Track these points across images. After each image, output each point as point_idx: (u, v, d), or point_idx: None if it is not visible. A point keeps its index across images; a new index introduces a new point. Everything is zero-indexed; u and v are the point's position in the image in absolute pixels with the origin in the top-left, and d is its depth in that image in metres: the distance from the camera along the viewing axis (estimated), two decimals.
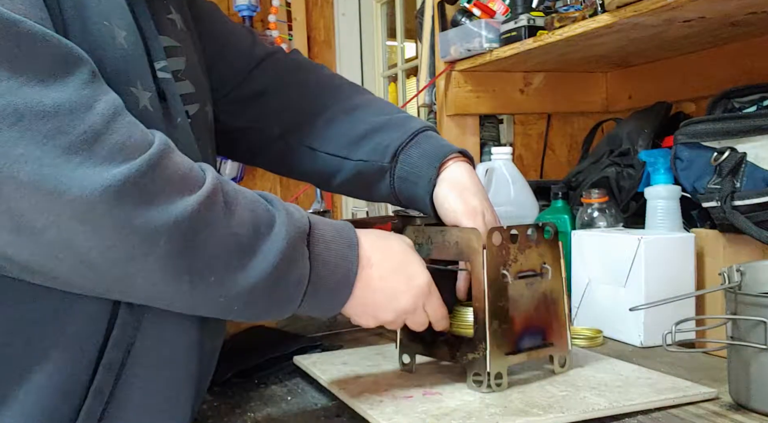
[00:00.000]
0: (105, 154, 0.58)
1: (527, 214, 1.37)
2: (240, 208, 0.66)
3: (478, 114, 1.70)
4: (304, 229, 0.70)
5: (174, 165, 0.62)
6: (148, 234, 0.59)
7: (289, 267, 0.67)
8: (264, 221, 0.67)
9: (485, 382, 0.81)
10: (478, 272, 0.82)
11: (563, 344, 0.89)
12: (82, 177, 0.56)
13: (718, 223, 1.05)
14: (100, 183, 0.57)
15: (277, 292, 0.68)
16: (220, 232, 0.63)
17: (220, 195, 0.65)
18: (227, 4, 3.58)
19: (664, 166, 1.17)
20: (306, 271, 0.69)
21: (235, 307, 0.67)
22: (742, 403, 0.78)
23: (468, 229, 0.85)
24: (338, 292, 0.73)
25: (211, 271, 0.63)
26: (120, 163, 0.58)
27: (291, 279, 0.68)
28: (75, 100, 0.58)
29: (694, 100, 1.49)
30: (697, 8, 1.05)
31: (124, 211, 0.58)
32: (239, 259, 0.64)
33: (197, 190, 0.62)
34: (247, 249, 0.65)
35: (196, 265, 0.62)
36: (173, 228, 0.60)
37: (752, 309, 0.74)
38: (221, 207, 0.64)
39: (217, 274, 0.64)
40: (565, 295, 0.90)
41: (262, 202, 0.69)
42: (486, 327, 0.81)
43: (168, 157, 0.62)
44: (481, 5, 1.50)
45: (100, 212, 0.57)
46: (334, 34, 2.99)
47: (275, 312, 0.71)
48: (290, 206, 0.71)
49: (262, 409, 0.85)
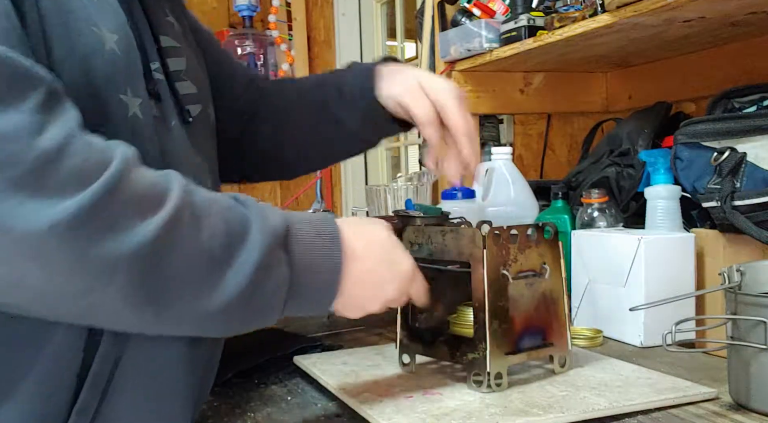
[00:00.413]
0: (55, 184, 0.54)
1: (527, 214, 1.37)
2: (212, 219, 0.62)
3: (478, 114, 1.70)
4: (281, 232, 0.66)
5: (133, 186, 0.58)
6: (106, 266, 0.55)
7: (266, 275, 0.63)
8: (238, 230, 0.63)
9: (485, 382, 0.81)
10: (478, 272, 0.82)
11: (563, 344, 0.89)
12: (29, 212, 0.53)
13: (718, 223, 1.05)
14: (50, 217, 0.53)
15: (255, 304, 0.64)
16: (187, 252, 0.59)
17: (186, 210, 0.60)
18: (227, 4, 3.59)
19: (664, 166, 1.17)
20: (285, 277, 0.65)
21: (209, 326, 0.64)
22: (742, 403, 0.78)
23: (468, 229, 0.85)
24: (325, 292, 0.70)
25: (180, 294, 0.60)
26: (72, 193, 0.54)
27: (268, 288, 0.64)
28: (25, 126, 0.54)
29: (694, 100, 1.49)
30: (697, 8, 1.05)
31: (78, 245, 0.54)
32: (210, 278, 0.61)
33: (160, 210, 0.58)
34: (220, 264, 0.61)
35: (162, 291, 0.59)
36: (133, 256, 0.56)
37: (752, 309, 0.74)
38: (188, 224, 0.60)
39: (186, 297, 0.60)
40: (565, 295, 0.90)
41: (236, 208, 0.65)
42: (486, 327, 0.81)
43: (127, 179, 0.57)
44: (481, 5, 1.50)
45: (50, 249, 0.53)
46: (334, 34, 2.99)
47: (256, 323, 0.67)
48: (266, 208, 0.67)
49: (262, 409, 0.85)
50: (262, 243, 0.63)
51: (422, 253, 0.89)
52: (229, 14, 3.61)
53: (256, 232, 0.64)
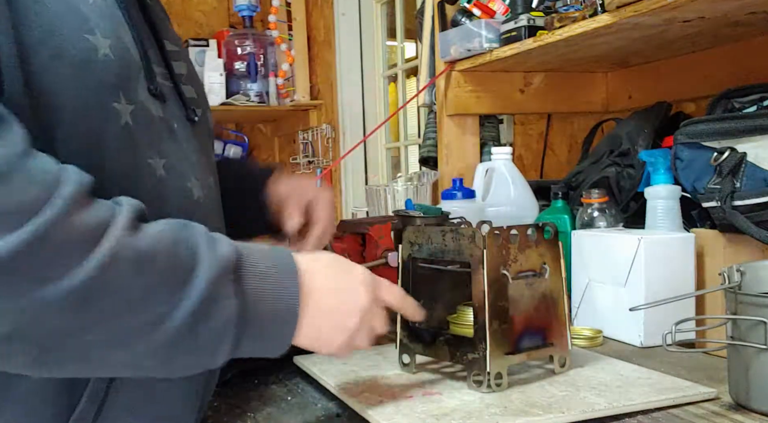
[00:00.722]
0: None
1: (527, 214, 1.37)
2: (156, 257, 0.59)
3: (478, 114, 1.70)
4: (230, 263, 0.62)
5: (70, 226, 0.54)
6: (38, 310, 0.53)
7: (210, 309, 0.60)
8: (183, 266, 0.60)
9: (485, 382, 0.81)
10: (478, 272, 0.82)
11: (563, 344, 0.89)
12: None
13: (718, 223, 1.05)
14: None
15: (202, 339, 0.60)
16: (125, 294, 0.57)
17: (126, 250, 0.57)
18: (227, 4, 3.59)
19: (664, 166, 1.17)
20: (232, 311, 0.61)
21: (152, 366, 0.61)
22: (742, 403, 0.78)
23: (469, 229, 0.85)
24: (282, 325, 0.65)
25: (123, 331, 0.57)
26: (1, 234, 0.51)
27: (213, 323, 0.60)
28: None
29: (694, 100, 1.49)
30: (697, 8, 1.05)
31: (5, 290, 0.51)
32: (152, 316, 0.58)
33: (97, 252, 0.55)
34: (163, 302, 0.58)
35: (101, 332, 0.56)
36: (66, 301, 0.53)
37: (752, 309, 0.74)
38: (126, 265, 0.57)
39: (131, 333, 0.58)
40: (565, 295, 0.90)
41: (184, 241, 0.61)
42: (486, 327, 0.81)
43: (65, 217, 0.54)
44: (481, 5, 1.50)
45: None
46: (334, 34, 2.99)
47: (204, 358, 0.63)
48: (218, 239, 0.64)
49: (262, 409, 0.85)
50: (208, 277, 0.60)
51: (422, 254, 0.89)
52: (229, 14, 3.61)
53: (204, 265, 0.61)
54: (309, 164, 3.16)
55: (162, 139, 0.72)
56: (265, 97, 3.23)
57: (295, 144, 3.36)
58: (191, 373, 0.64)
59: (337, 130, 3.02)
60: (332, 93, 3.03)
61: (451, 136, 1.66)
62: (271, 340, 0.65)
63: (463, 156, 1.68)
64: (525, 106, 1.71)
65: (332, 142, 3.04)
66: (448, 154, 1.67)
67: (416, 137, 2.76)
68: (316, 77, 3.18)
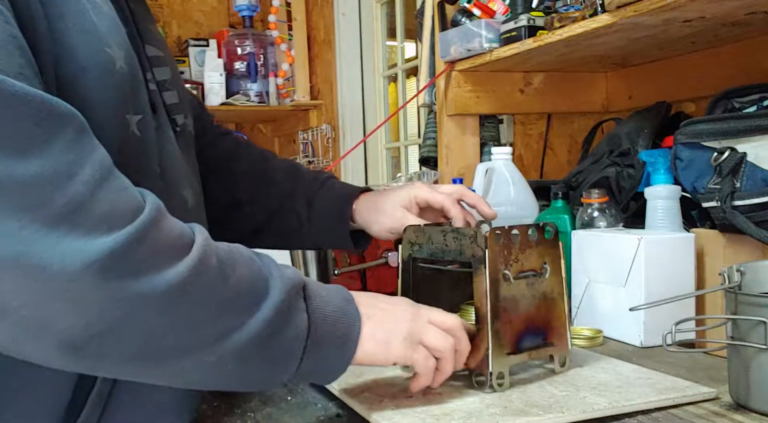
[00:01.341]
0: (88, 225, 0.54)
1: (527, 214, 1.37)
2: (236, 265, 0.63)
3: (478, 114, 1.70)
4: (298, 283, 0.67)
5: (163, 233, 0.59)
6: (134, 307, 0.56)
7: (286, 321, 0.64)
8: (260, 277, 0.65)
9: (488, 383, 0.81)
10: (480, 272, 0.82)
11: (564, 344, 0.89)
12: (64, 252, 0.53)
13: (718, 223, 1.05)
14: (84, 258, 0.53)
15: (272, 349, 0.64)
16: (214, 295, 0.61)
17: (213, 257, 0.62)
18: (227, 4, 3.59)
19: (664, 166, 1.17)
20: (304, 326, 0.66)
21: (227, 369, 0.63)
22: (742, 403, 0.78)
23: (470, 229, 0.85)
24: (343, 347, 0.70)
25: (201, 337, 0.60)
26: (104, 233, 0.54)
27: (288, 334, 0.64)
28: (57, 168, 0.54)
29: (694, 100, 1.49)
30: (697, 8, 1.05)
31: (109, 285, 0.54)
32: (231, 322, 0.61)
33: (187, 256, 0.59)
34: (242, 310, 0.62)
35: (185, 334, 0.59)
36: (161, 298, 0.57)
37: (752, 309, 0.74)
38: (215, 269, 0.61)
39: (208, 339, 0.61)
40: (565, 294, 0.90)
41: (255, 259, 0.67)
42: (488, 327, 0.81)
43: (157, 226, 0.58)
44: (481, 5, 1.50)
45: (83, 288, 0.54)
46: (334, 34, 2.99)
47: (270, 372, 0.66)
48: (281, 264, 0.69)
49: (262, 409, 0.85)
50: (282, 290, 0.65)
51: (423, 254, 0.89)
52: (229, 14, 3.62)
53: (277, 279, 0.65)
54: (309, 164, 3.16)
55: (160, 148, 0.73)
56: (265, 97, 3.23)
57: (295, 144, 3.36)
58: (254, 388, 0.68)
59: (337, 130, 3.02)
60: (332, 93, 3.03)
61: (451, 136, 1.66)
62: (327, 366, 0.70)
63: (463, 156, 1.68)
64: (525, 106, 1.71)
65: (332, 142, 3.05)
66: (448, 154, 1.67)
67: (416, 137, 2.76)
68: (316, 77, 3.18)
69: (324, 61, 3.10)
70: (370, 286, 1.37)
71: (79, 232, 0.53)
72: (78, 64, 0.62)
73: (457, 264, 0.89)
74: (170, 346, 0.59)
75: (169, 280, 0.57)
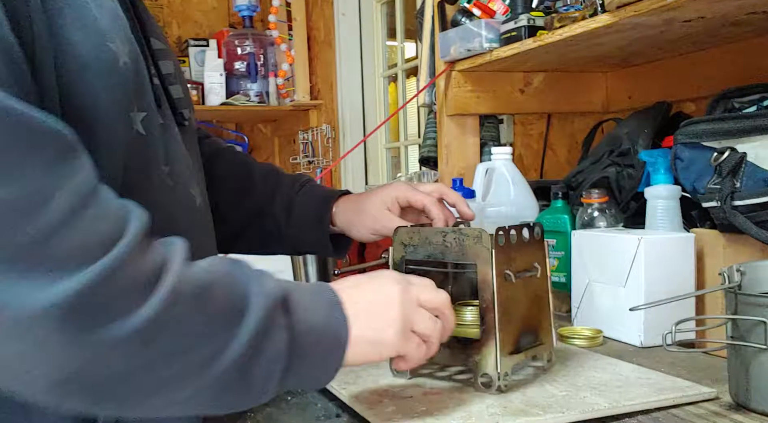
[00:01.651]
0: (54, 262, 0.50)
1: (527, 214, 1.37)
2: (215, 288, 0.59)
3: (478, 114, 1.70)
4: (279, 297, 0.63)
5: (136, 266, 0.54)
6: (101, 351, 0.52)
7: (263, 343, 0.60)
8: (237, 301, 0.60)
9: (495, 384, 0.81)
10: (486, 273, 0.81)
11: (550, 341, 0.90)
12: (24, 292, 0.49)
13: (718, 223, 1.05)
14: (44, 299, 0.49)
15: (251, 373, 0.60)
16: (187, 331, 0.56)
17: (186, 285, 0.57)
18: (227, 4, 3.59)
19: (664, 166, 1.17)
20: (283, 346, 0.61)
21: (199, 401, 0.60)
22: (742, 403, 0.78)
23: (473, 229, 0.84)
24: (331, 356, 0.66)
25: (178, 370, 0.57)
26: (70, 272, 0.50)
27: (265, 356, 0.60)
28: (29, 193, 0.50)
29: (694, 100, 1.49)
30: (697, 8, 1.05)
31: (72, 329, 0.50)
32: (208, 353, 0.57)
33: (158, 290, 0.55)
34: (219, 338, 0.58)
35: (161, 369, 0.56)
36: (131, 340, 0.53)
37: (752, 309, 0.74)
38: (189, 300, 0.57)
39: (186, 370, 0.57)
40: (550, 292, 0.90)
41: (234, 275, 0.62)
42: (496, 328, 0.80)
43: (132, 258, 0.54)
44: (481, 5, 1.50)
45: (43, 332, 0.49)
46: (334, 34, 2.99)
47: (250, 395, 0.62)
48: (263, 273, 0.64)
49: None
50: (261, 306, 0.61)
51: (418, 255, 0.88)
52: (229, 14, 3.62)
53: (257, 296, 0.61)
54: (309, 164, 3.16)
55: (166, 146, 0.71)
56: (265, 97, 3.23)
57: (295, 144, 3.36)
58: (239, 408, 0.63)
59: (337, 130, 3.02)
60: (332, 93, 3.03)
61: (451, 136, 1.66)
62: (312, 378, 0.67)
63: (463, 156, 1.68)
64: (525, 106, 1.71)
65: (332, 142, 3.04)
66: (448, 154, 1.67)
67: (416, 137, 2.76)
68: (316, 77, 3.18)
69: (324, 61, 3.10)
70: None
71: (42, 269, 0.49)
72: (79, 60, 0.60)
73: (457, 265, 0.89)
74: (145, 383, 0.56)
75: (137, 323, 0.53)
